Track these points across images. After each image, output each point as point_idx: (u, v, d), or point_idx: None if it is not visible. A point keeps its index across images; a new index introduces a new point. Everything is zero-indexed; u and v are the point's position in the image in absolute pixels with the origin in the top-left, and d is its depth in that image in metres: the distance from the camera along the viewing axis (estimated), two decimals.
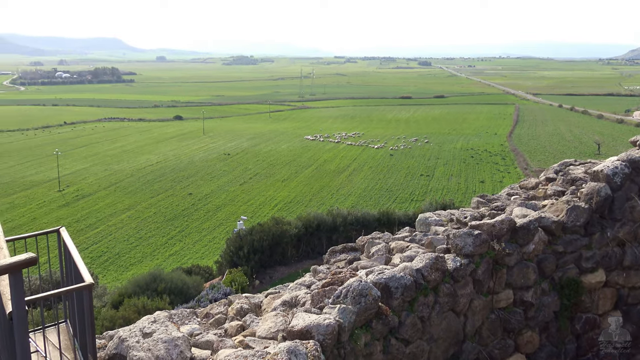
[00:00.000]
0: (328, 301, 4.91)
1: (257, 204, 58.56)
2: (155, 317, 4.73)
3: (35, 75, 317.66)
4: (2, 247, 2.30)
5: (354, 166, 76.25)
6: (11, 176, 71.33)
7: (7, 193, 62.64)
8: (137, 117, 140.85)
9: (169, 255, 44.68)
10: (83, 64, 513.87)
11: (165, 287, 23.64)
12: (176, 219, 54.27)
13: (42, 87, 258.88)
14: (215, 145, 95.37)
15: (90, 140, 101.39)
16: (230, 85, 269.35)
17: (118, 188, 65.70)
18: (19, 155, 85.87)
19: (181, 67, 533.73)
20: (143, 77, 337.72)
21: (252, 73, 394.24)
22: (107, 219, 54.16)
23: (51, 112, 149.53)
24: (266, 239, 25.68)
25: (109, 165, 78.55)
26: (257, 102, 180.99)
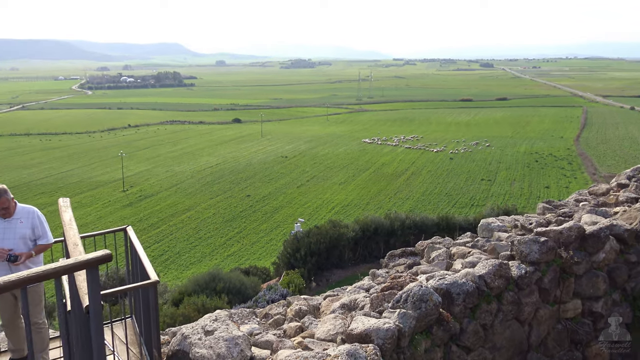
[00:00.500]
0: (387, 305, 4.85)
1: (314, 207, 58.86)
2: (217, 316, 4.81)
3: (102, 80, 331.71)
4: (77, 244, 2.39)
5: (412, 170, 75.42)
6: (79, 176, 74.66)
7: (75, 192, 65.51)
8: (198, 120, 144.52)
9: (227, 255, 45.55)
10: (146, 68, 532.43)
11: (224, 287, 24.05)
12: (234, 220, 55.27)
13: (108, 91, 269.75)
14: (273, 147, 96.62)
15: (152, 143, 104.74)
16: (288, 88, 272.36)
17: (179, 189, 67.54)
18: (86, 157, 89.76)
19: (240, 70, 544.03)
20: (203, 81, 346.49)
21: (309, 76, 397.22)
22: (168, 219, 55.78)
23: (116, 115, 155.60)
24: (323, 242, 25.74)
25: (170, 166, 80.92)
26: (315, 105, 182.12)
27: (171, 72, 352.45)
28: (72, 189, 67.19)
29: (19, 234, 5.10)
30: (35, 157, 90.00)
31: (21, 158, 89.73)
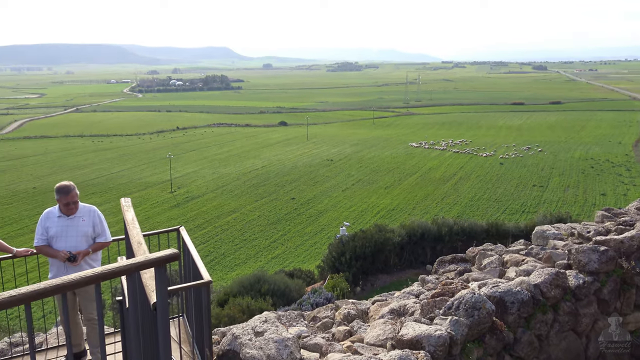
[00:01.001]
0: (438, 312, 4.77)
1: (359, 211, 58.69)
2: (266, 317, 4.84)
3: (152, 83, 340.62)
4: (141, 243, 2.44)
5: (460, 174, 74.22)
6: (129, 177, 76.78)
7: (125, 193, 67.33)
8: (244, 123, 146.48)
9: (271, 257, 45.90)
10: (195, 72, 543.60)
11: (269, 289, 24.20)
12: (279, 222, 55.66)
13: (157, 94, 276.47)
14: (318, 151, 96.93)
15: (199, 145, 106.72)
16: (334, 91, 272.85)
17: (225, 191, 68.54)
18: (135, 158, 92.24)
19: (286, 74, 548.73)
20: (250, 84, 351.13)
21: (356, 79, 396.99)
22: (214, 220, 56.66)
23: (165, 118, 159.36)
24: (368, 246, 25.59)
25: (217, 168, 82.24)
26: (361, 109, 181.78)
27: (219, 76, 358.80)
28: (122, 190, 69.12)
29: (81, 231, 5.25)
30: (87, 158, 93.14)
31: (74, 159, 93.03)
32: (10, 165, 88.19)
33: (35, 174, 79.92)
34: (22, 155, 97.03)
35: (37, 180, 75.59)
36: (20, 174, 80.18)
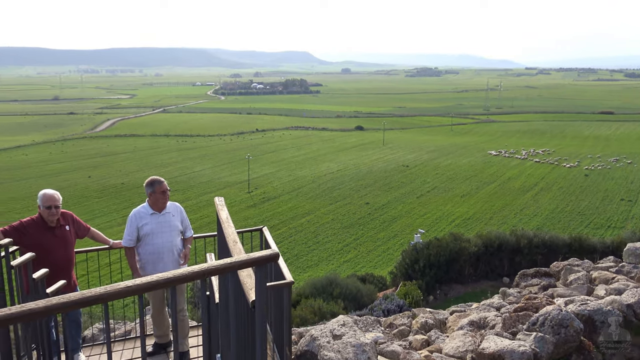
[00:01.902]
0: (522, 327, 4.62)
1: (433, 218, 57.71)
2: (344, 321, 4.87)
3: (234, 86, 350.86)
4: (236, 242, 2.54)
5: (541, 185, 71.29)
6: (209, 176, 79.38)
7: (205, 191, 69.67)
8: (321, 127, 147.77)
9: (343, 261, 45.98)
10: (275, 75, 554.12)
11: (340, 292, 24.24)
12: (352, 226, 55.69)
13: (239, 97, 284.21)
14: (394, 156, 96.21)
15: (277, 147, 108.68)
16: (412, 97, 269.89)
17: (300, 193, 69.39)
18: (216, 158, 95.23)
19: (365, 78, 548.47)
20: (328, 88, 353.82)
21: (435, 85, 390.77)
22: (288, 222, 57.49)
23: (245, 120, 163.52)
24: (443, 255, 25.07)
25: (293, 171, 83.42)
26: (439, 115, 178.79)
27: (298, 80, 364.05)
28: (202, 188, 71.56)
29: (173, 226, 5.46)
30: (172, 157, 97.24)
31: (160, 157, 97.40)
32: (102, 161, 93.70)
33: (124, 170, 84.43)
34: (113, 152, 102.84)
35: (125, 176, 79.80)
36: (111, 170, 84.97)
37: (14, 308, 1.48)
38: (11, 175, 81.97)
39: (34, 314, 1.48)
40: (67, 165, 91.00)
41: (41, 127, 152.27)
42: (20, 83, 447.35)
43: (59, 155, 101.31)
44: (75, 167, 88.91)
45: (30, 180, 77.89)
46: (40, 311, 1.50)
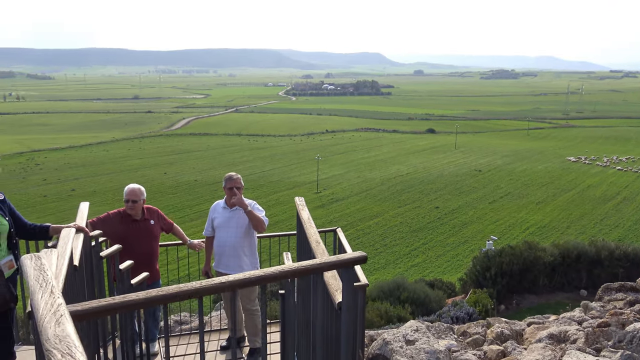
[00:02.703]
0: (607, 343, 4.39)
1: (506, 225, 55.95)
2: (417, 327, 4.80)
3: (305, 87, 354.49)
4: (319, 242, 2.55)
5: (624, 194, 67.52)
6: (279, 176, 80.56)
7: (275, 190, 70.75)
8: (392, 129, 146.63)
9: (411, 265, 45.44)
10: (346, 77, 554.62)
11: (408, 297, 23.93)
12: (421, 230, 54.92)
13: (310, 98, 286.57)
14: (466, 160, 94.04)
15: (347, 148, 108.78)
16: (487, 99, 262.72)
17: (368, 195, 69.14)
18: (286, 158, 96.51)
19: (437, 80, 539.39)
20: (400, 90, 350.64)
21: (511, 87, 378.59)
22: (356, 223, 57.41)
23: (315, 121, 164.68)
24: (516, 263, 24.17)
25: (362, 172, 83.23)
26: (515, 118, 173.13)
27: (369, 81, 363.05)
28: (272, 187, 72.71)
29: (241, 223, 5.54)
30: (243, 156, 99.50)
31: (232, 156, 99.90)
32: (177, 158, 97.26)
33: (197, 168, 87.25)
34: (187, 150, 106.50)
35: (198, 173, 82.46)
36: (185, 167, 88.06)
37: (117, 298, 1.56)
38: (93, 170, 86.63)
39: (135, 304, 1.55)
40: (145, 161, 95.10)
41: (122, 125, 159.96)
42: (103, 82, 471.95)
43: (137, 152, 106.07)
44: (152, 163, 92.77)
45: (110, 175, 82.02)
46: (141, 302, 1.57)
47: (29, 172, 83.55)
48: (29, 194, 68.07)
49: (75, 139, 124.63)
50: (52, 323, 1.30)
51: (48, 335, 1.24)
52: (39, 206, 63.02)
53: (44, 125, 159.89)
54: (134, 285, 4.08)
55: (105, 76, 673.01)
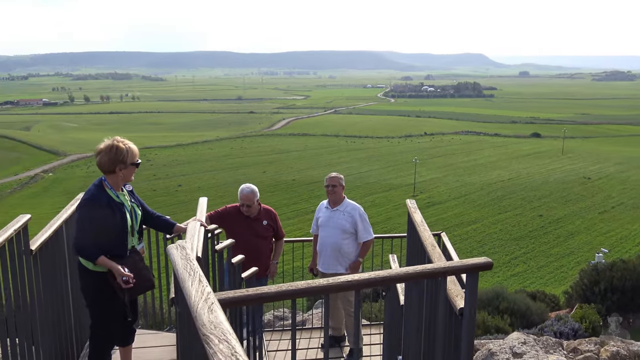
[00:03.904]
0: None
1: (617, 237, 52.21)
2: (525, 339, 4.63)
3: (404, 89, 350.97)
4: (435, 246, 2.54)
5: None
6: (375, 178, 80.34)
7: (370, 192, 70.63)
8: (493, 132, 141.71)
9: (510, 274, 43.66)
10: (447, 78, 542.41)
11: (507, 307, 23.01)
12: (522, 239, 52.62)
13: (408, 100, 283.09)
14: (574, 167, 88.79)
15: (445, 152, 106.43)
16: (599, 102, 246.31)
17: (466, 200, 67.24)
18: (383, 160, 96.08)
19: (544, 82, 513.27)
20: (503, 92, 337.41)
21: (627, 90, 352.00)
22: (453, 229, 55.96)
23: (413, 123, 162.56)
24: (629, 279, 22.50)
25: (461, 176, 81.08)
26: (630, 123, 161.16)
27: (471, 83, 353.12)
28: (367, 189, 72.64)
29: (339, 224, 5.59)
30: (341, 157, 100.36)
31: (329, 156, 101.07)
32: (276, 158, 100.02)
33: (295, 168, 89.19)
34: (286, 150, 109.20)
35: (296, 173, 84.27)
36: (283, 167, 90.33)
37: (251, 290, 1.65)
38: (198, 167, 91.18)
39: (268, 297, 1.64)
40: (246, 160, 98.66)
41: (226, 125, 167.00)
42: (210, 83, 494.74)
43: (238, 151, 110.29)
44: (252, 162, 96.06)
45: (213, 172, 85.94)
46: (272, 295, 1.65)
47: (141, 168, 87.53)
48: (139, 188, 72.12)
49: (183, 137, 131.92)
50: (205, 310, 1.35)
51: (203, 321, 1.30)
52: (147, 200, 65.13)
53: (156, 124, 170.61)
54: (244, 280, 4.25)
55: (212, 78, 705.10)
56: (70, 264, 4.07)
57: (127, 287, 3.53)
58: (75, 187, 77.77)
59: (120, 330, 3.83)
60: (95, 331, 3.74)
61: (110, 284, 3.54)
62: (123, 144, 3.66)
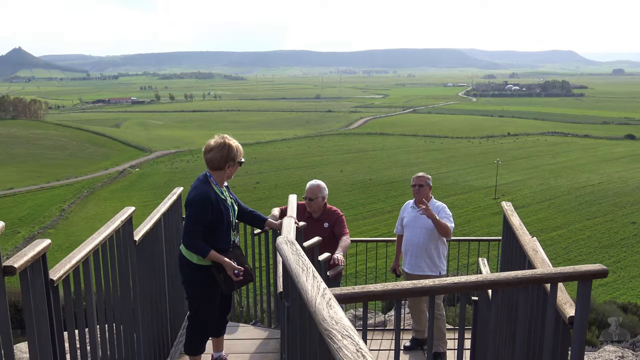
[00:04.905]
0: None
1: None
2: (623, 353, 4.38)
3: (487, 88, 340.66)
4: (537, 250, 2.45)
5: None
6: (454, 179, 78.52)
7: (449, 194, 69.05)
8: (583, 133, 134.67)
9: (598, 284, 41.21)
10: (533, 77, 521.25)
11: (595, 319, 21.83)
12: (612, 247, 49.74)
13: (491, 99, 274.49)
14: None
15: (530, 153, 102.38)
16: None
17: (552, 204, 64.41)
18: (462, 161, 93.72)
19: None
20: (594, 91, 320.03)
21: None
22: (536, 234, 52.82)
23: (496, 123, 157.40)
24: None
25: (546, 180, 77.74)
26: None
27: (559, 81, 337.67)
28: (446, 190, 71.01)
29: (424, 224, 5.46)
30: (419, 157, 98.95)
31: (406, 156, 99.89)
32: (353, 157, 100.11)
33: (372, 167, 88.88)
34: (363, 149, 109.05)
35: (373, 172, 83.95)
36: (360, 166, 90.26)
37: (357, 288, 1.67)
38: (276, 165, 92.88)
39: (374, 295, 1.66)
40: (323, 158, 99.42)
41: (303, 123, 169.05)
42: (289, 82, 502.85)
43: (316, 149, 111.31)
44: (329, 161, 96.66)
45: (290, 170, 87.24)
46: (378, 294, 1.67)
47: None
48: None
49: (262, 135, 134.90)
50: (324, 305, 1.35)
51: (324, 316, 1.30)
52: None
53: (235, 122, 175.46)
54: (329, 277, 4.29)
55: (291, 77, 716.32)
56: (166, 255, 4.27)
57: (237, 279, 3.67)
58: (159, 182, 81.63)
59: (216, 322, 3.98)
60: (193, 322, 3.89)
61: (213, 277, 3.68)
62: (233, 142, 3.77)
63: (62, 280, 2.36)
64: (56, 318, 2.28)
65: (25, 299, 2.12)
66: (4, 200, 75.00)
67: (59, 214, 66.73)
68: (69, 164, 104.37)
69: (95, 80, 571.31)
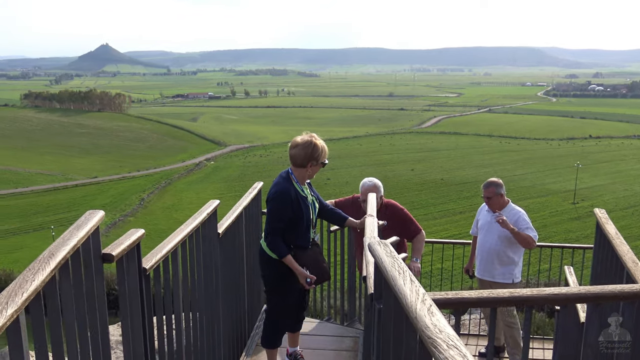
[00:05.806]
0: None
1: None
2: None
3: (568, 88, 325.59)
4: (637, 262, 2.32)
5: None
6: (531, 181, 75.72)
7: (525, 197, 66.63)
8: None
9: None
10: (619, 77, 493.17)
11: None
12: None
13: (572, 99, 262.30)
14: None
15: (613, 157, 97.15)
16: None
17: (637, 211, 60.93)
18: (540, 163, 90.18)
19: None
20: None
21: None
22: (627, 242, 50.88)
23: (577, 125, 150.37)
24: None
25: (631, 185, 73.52)
26: None
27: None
28: (521, 193, 68.59)
29: (498, 230, 5.23)
30: (493, 158, 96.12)
31: (481, 157, 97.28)
32: (425, 156, 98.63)
33: (445, 167, 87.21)
34: (436, 149, 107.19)
35: (445, 172, 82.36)
36: (432, 165, 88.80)
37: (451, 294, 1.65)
38: (347, 162, 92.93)
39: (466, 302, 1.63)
40: (394, 157, 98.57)
41: (375, 121, 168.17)
42: (361, 80, 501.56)
43: (387, 147, 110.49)
44: (400, 159, 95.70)
45: (361, 167, 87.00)
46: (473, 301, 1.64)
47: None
48: None
49: (334, 132, 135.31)
50: (425, 311, 1.31)
51: (426, 323, 1.26)
52: None
53: (308, 119, 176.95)
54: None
55: (364, 74, 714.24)
56: (246, 248, 4.38)
57: (309, 287, 3.71)
58: (233, 175, 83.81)
59: (294, 317, 4.04)
60: (271, 316, 3.97)
61: (292, 273, 3.71)
62: (320, 142, 3.77)
63: (153, 269, 2.46)
64: (147, 304, 2.39)
65: (120, 285, 2.23)
66: (89, 188, 79.61)
67: (138, 203, 70.01)
68: (149, 156, 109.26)
69: (175, 75, 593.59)
